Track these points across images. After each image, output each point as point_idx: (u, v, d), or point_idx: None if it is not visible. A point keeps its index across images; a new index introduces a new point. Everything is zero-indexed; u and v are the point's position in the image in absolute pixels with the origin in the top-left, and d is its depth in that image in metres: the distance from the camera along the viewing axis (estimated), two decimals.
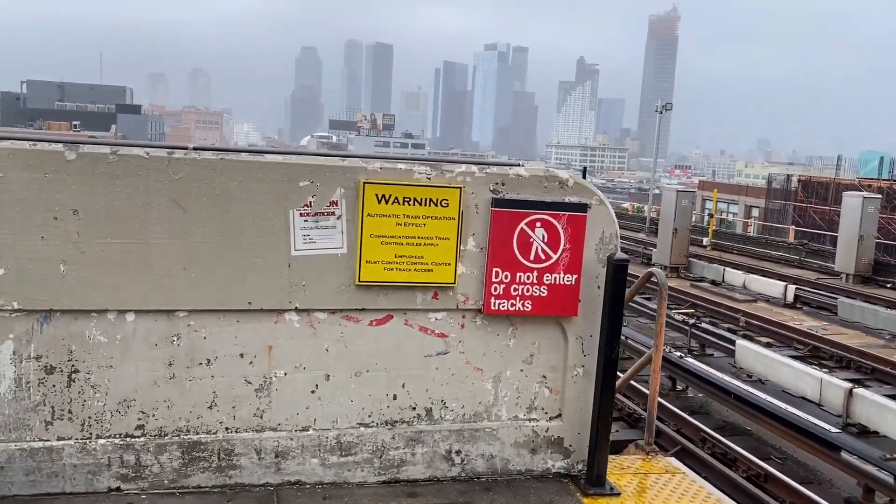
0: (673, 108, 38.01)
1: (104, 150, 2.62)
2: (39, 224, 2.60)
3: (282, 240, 2.82)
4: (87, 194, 2.61)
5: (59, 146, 2.59)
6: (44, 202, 2.58)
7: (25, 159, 2.54)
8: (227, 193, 2.73)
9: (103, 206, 2.64)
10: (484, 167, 3.00)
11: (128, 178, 2.63)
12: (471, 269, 3.04)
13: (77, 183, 2.60)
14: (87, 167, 2.60)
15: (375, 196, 2.86)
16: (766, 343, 14.01)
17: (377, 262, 2.92)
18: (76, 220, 2.63)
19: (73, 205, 2.61)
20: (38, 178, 2.56)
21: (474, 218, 2.99)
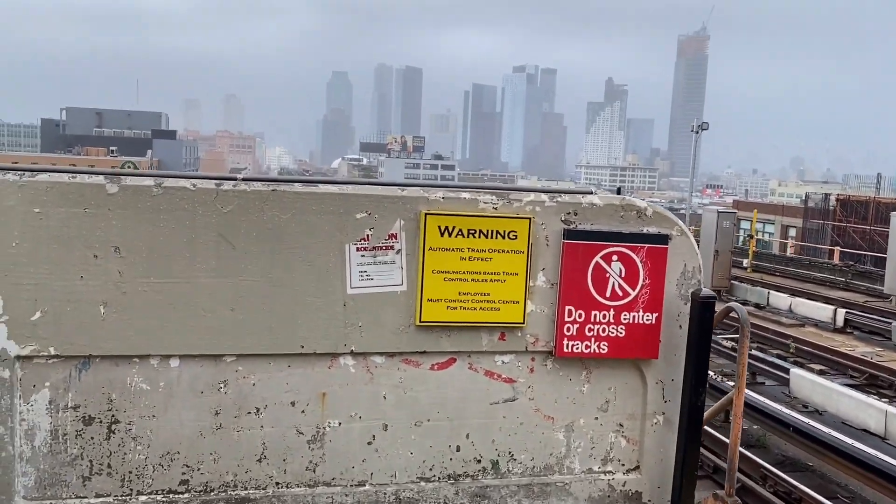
0: (709, 127, 37.42)
1: (148, 183, 2.46)
2: (78, 263, 2.44)
3: (337, 277, 2.63)
4: (130, 230, 2.46)
5: (99, 178, 2.42)
6: (83, 239, 2.43)
7: (64, 193, 2.40)
8: (278, 227, 2.56)
9: (146, 243, 2.48)
10: (554, 196, 2.79)
11: (173, 212, 2.48)
12: (541, 307, 2.82)
13: (119, 218, 2.45)
14: (130, 201, 2.44)
15: (438, 228, 2.67)
16: (820, 371, 13.46)
17: (439, 300, 2.72)
18: (117, 259, 2.47)
19: (114, 241, 2.45)
20: (77, 213, 2.41)
21: (544, 251, 2.79)
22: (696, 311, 2.83)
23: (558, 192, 2.84)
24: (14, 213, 2.37)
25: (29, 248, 2.40)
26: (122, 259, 2.46)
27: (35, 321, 2.45)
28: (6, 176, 2.37)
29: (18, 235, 2.38)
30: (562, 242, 2.77)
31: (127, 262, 2.47)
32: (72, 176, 2.43)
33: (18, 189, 2.36)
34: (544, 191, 2.81)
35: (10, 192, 2.36)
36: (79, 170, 2.52)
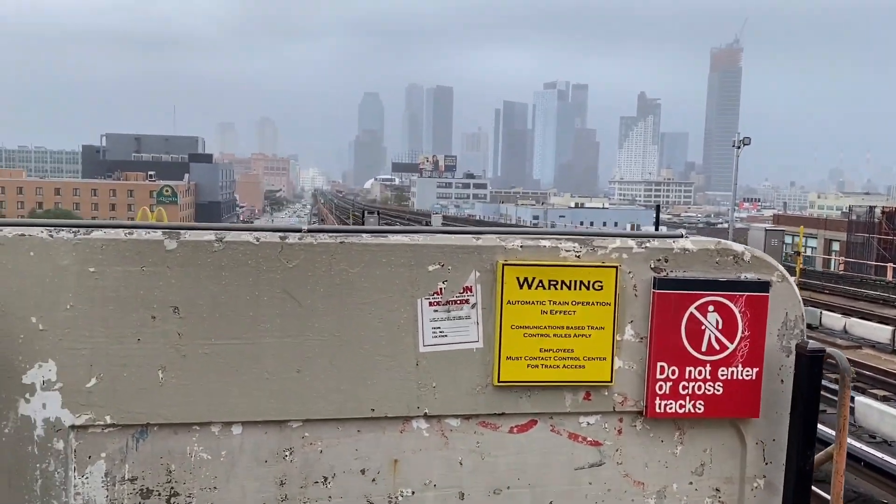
0: (750, 141, 36.57)
1: (208, 238, 2.37)
2: (136, 324, 2.34)
3: (409, 334, 2.51)
4: (190, 289, 2.36)
5: (157, 233, 2.35)
6: (141, 299, 2.33)
7: (121, 251, 2.31)
8: (346, 282, 2.45)
9: (207, 302, 2.37)
10: (643, 241, 2.61)
11: (235, 269, 2.37)
12: (629, 363, 2.64)
13: (178, 276, 2.35)
14: (189, 257, 2.36)
15: (517, 280, 2.52)
16: (883, 397, 12.76)
17: (519, 357, 2.56)
18: (177, 319, 2.37)
19: (173, 301, 2.36)
20: (134, 271, 2.32)
21: (633, 302, 2.61)
22: (804, 366, 2.63)
23: (646, 236, 2.66)
24: (68, 273, 2.29)
25: (84, 310, 2.31)
26: (181, 320, 2.37)
27: (90, 388, 2.36)
28: (60, 234, 2.30)
29: (73, 297, 2.30)
30: (652, 292, 2.60)
31: (187, 323, 2.38)
32: (128, 232, 2.35)
33: (73, 247, 2.29)
34: (631, 235, 2.65)
35: (63, 250, 2.29)
36: (136, 224, 2.44)
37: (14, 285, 2.25)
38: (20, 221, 2.38)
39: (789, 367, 2.68)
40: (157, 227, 2.38)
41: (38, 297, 2.27)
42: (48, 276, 2.27)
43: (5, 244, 2.24)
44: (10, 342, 2.27)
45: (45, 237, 2.26)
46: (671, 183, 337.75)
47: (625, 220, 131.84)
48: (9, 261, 2.24)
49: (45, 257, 2.27)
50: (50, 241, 2.27)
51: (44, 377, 2.31)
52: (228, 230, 2.41)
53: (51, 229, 2.29)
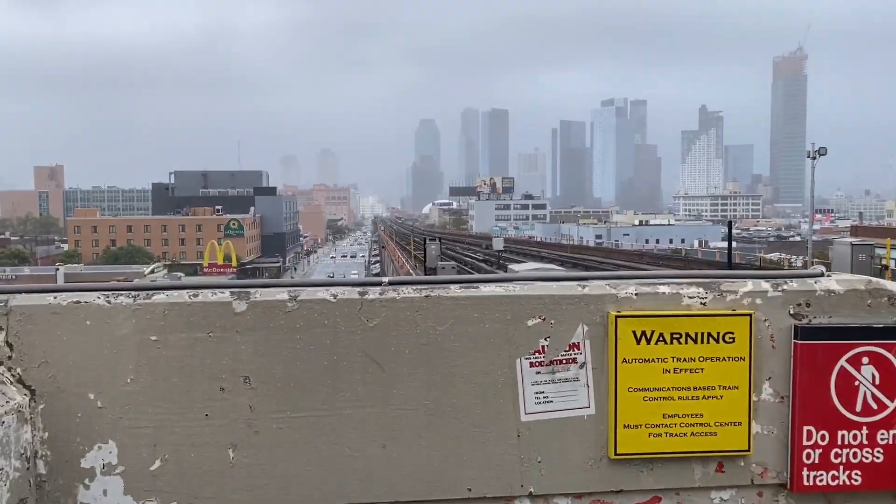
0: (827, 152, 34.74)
1: (281, 297, 2.17)
2: (203, 398, 2.15)
3: (507, 400, 2.23)
4: (261, 355, 2.16)
5: (225, 295, 2.17)
6: (208, 369, 2.14)
7: (186, 316, 2.13)
8: (434, 342, 2.20)
9: (281, 370, 2.17)
10: (779, 282, 2.30)
11: (311, 331, 2.17)
12: (769, 428, 2.32)
13: (248, 342, 2.15)
14: (261, 320, 2.15)
15: (632, 334, 2.22)
16: None
17: (639, 425, 2.25)
18: (248, 391, 2.16)
19: (243, 370, 2.15)
20: (200, 338, 2.14)
21: (770, 355, 2.29)
22: None
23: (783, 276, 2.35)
24: (128, 343, 2.11)
25: (146, 383, 2.13)
26: (252, 391, 2.17)
27: (155, 471, 2.16)
28: (118, 299, 2.12)
29: (134, 369, 2.12)
30: (793, 343, 2.27)
31: (259, 395, 2.17)
32: (192, 294, 2.18)
33: (132, 314, 2.11)
34: (765, 276, 2.35)
35: (123, 318, 2.11)
36: (201, 284, 2.28)
37: (70, 359, 2.09)
38: (75, 286, 2.23)
39: None
40: (224, 287, 2.22)
41: (95, 370, 2.10)
42: (106, 346, 2.10)
43: (60, 313, 2.09)
44: (67, 422, 2.11)
45: (103, 304, 2.11)
46: (738, 196, 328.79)
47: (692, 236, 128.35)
48: (64, 332, 2.09)
49: (103, 326, 2.10)
50: (108, 307, 2.11)
51: (104, 460, 2.13)
52: (302, 286, 2.22)
53: (108, 294, 2.14)
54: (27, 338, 2.07)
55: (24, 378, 2.08)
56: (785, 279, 2.29)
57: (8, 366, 2.07)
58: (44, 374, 2.08)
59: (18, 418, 2.03)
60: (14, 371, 2.07)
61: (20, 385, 2.07)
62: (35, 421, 2.09)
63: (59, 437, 2.10)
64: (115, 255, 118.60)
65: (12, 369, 2.07)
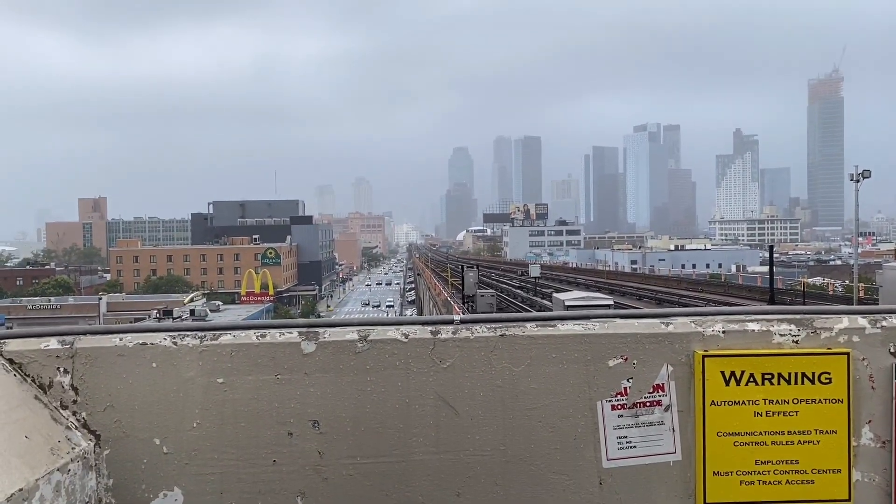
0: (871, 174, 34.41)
1: (351, 336, 2.08)
2: (271, 443, 2.06)
3: (588, 445, 2.11)
4: (331, 398, 2.07)
5: (293, 334, 2.08)
6: (275, 413, 2.06)
7: (252, 357, 2.05)
8: (510, 383, 2.09)
9: (351, 414, 2.07)
10: (877, 318, 2.14)
11: (382, 372, 2.07)
12: (870, 475, 2.16)
13: (317, 384, 2.06)
14: (330, 361, 2.07)
15: (721, 374, 2.08)
16: None
17: (730, 472, 2.11)
18: (317, 435, 2.07)
19: (312, 414, 2.07)
20: (268, 380, 2.05)
21: (870, 397, 2.14)
22: None
23: (881, 311, 2.20)
24: (194, 385, 2.04)
25: (212, 428, 2.05)
26: (321, 436, 2.08)
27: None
28: (185, 340, 2.06)
29: (200, 413, 2.05)
30: (894, 384, 2.13)
31: (328, 440, 2.08)
32: (260, 335, 2.09)
33: (199, 356, 2.05)
34: (861, 312, 2.19)
35: (189, 360, 2.05)
36: (268, 324, 2.15)
37: (136, 402, 2.03)
38: (141, 327, 2.18)
39: None
40: (292, 327, 2.11)
41: (161, 414, 2.03)
42: (173, 390, 2.04)
43: (126, 355, 2.03)
44: (132, 468, 2.04)
45: (169, 345, 2.05)
46: (775, 220, 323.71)
47: (729, 260, 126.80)
48: (130, 374, 2.03)
49: (170, 368, 2.04)
50: (174, 349, 2.05)
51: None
52: (373, 326, 2.12)
53: (174, 335, 2.07)
54: (93, 381, 2.02)
55: (90, 423, 2.02)
56: (883, 315, 2.15)
57: (73, 410, 2.01)
58: (109, 418, 2.02)
59: (84, 465, 1.95)
60: (79, 415, 2.02)
61: (85, 430, 2.01)
62: (100, 467, 2.02)
63: (125, 485, 2.03)
64: (156, 285, 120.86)
65: (77, 413, 2.01)
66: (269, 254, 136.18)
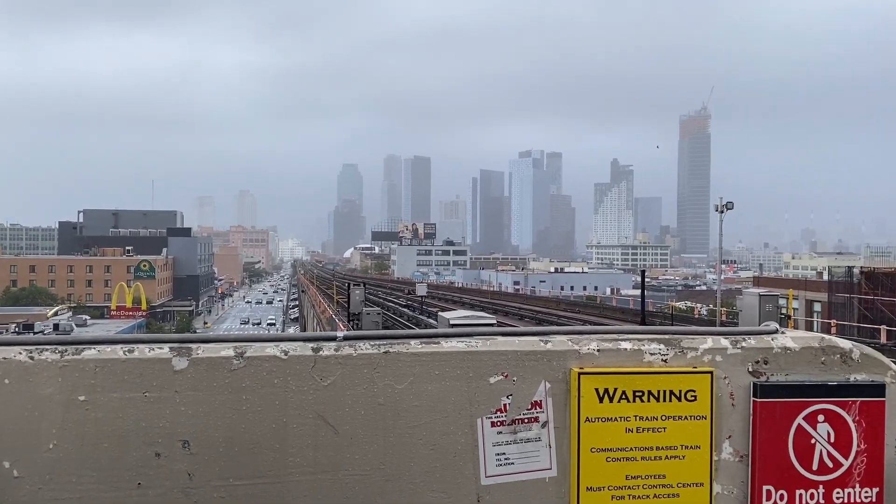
0: (734, 206, 37.31)
1: (226, 353, 2.02)
2: (136, 465, 1.97)
3: (467, 462, 2.12)
4: (203, 417, 2.00)
5: (164, 350, 2.00)
6: (142, 433, 1.97)
7: (118, 374, 1.96)
8: (392, 401, 2.09)
9: (224, 434, 2.01)
10: (738, 339, 2.26)
11: (259, 390, 2.02)
12: (729, 488, 2.25)
13: (189, 402, 1.99)
14: (203, 379, 2.00)
15: (595, 391, 2.15)
16: None
17: (601, 487, 2.17)
18: (187, 456, 2.00)
19: (182, 434, 2.00)
20: (135, 398, 1.96)
21: (730, 414, 2.23)
22: None
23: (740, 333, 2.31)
24: (52, 404, 1.93)
25: (71, 449, 1.94)
26: (192, 457, 2.01)
27: None
28: (43, 355, 1.94)
29: (57, 433, 1.93)
30: (752, 401, 2.22)
31: (199, 461, 2.01)
32: (127, 350, 1.99)
33: (59, 371, 1.94)
34: (724, 333, 2.30)
35: (47, 376, 1.93)
36: (137, 338, 2.07)
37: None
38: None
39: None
40: (163, 342, 2.04)
41: (12, 435, 1.92)
42: (27, 408, 1.92)
43: None
44: None
45: (25, 360, 1.93)
46: (647, 246, 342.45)
47: (605, 283, 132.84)
48: None
49: (24, 385, 1.92)
50: (30, 364, 1.93)
51: None
52: (250, 342, 2.08)
53: (31, 349, 1.95)
54: None
55: None
56: (743, 336, 2.27)
57: None
58: None
59: None
60: None
61: None
62: None
63: None
64: (16, 297, 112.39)
65: None
66: (143, 266, 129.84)
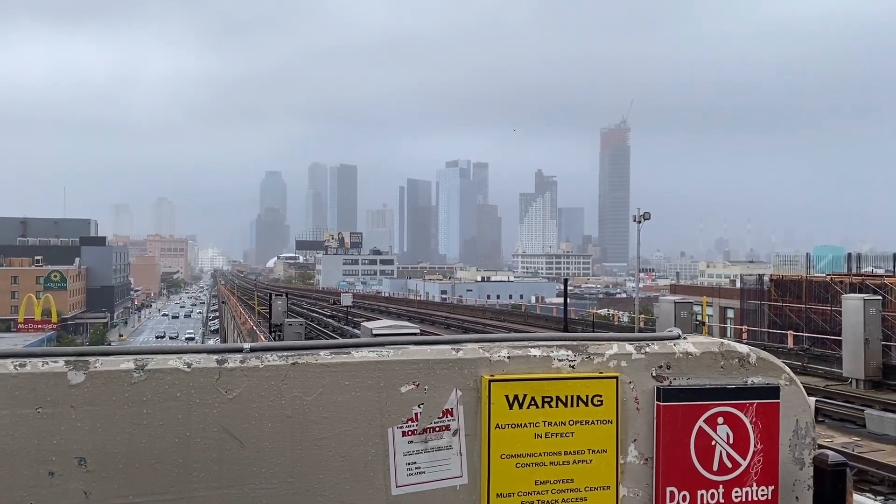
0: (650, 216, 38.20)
1: (126, 366, 1.94)
2: (27, 485, 1.87)
3: (378, 473, 2.10)
4: (101, 433, 1.91)
5: (59, 364, 1.90)
6: (34, 451, 1.87)
7: (9, 389, 1.86)
8: (301, 413, 2.05)
9: (124, 450, 1.93)
10: (642, 345, 2.31)
11: (160, 404, 1.95)
12: (635, 490, 2.28)
13: (86, 418, 1.90)
14: (101, 393, 1.91)
15: (505, 398, 2.15)
16: None
17: (511, 493, 2.17)
18: (83, 474, 1.91)
19: (78, 451, 1.90)
20: (26, 415, 1.87)
21: (634, 417, 2.27)
22: (827, 482, 2.31)
23: (644, 339, 2.36)
24: None
25: None
26: (88, 474, 1.91)
27: None
28: None
29: None
30: (655, 405, 2.26)
31: (96, 478, 1.92)
32: (18, 364, 1.89)
33: None
34: (628, 339, 2.34)
35: None
36: (29, 352, 1.97)
37: None
38: None
39: (803, 481, 2.37)
40: (57, 355, 1.94)
41: None
42: None
43: None
44: None
45: None
46: (570, 255, 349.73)
47: (530, 292, 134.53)
48: None
49: None
50: None
51: None
52: (151, 354, 2.00)
53: None
54: None
55: None
56: (647, 342, 2.31)
57: None
58: None
59: None
60: None
61: None
62: None
63: None
64: None
65: None
66: (54, 277, 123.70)
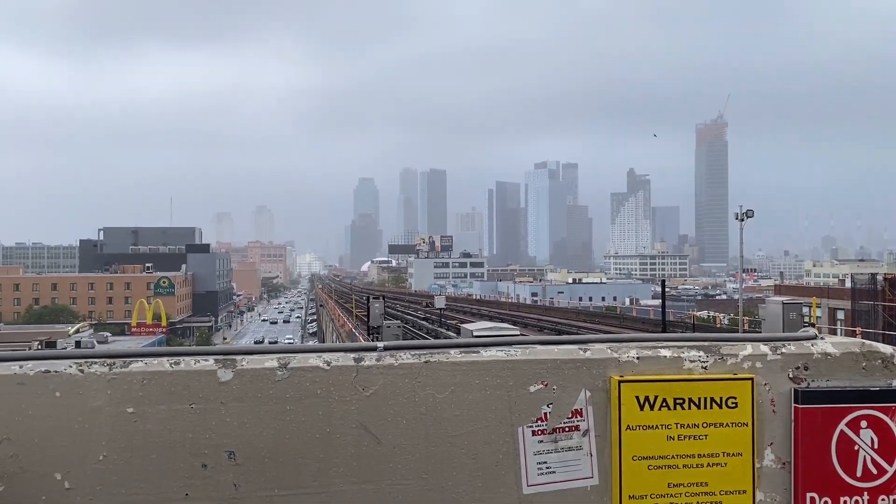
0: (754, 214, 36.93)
1: (270, 364, 2.03)
2: (183, 476, 1.98)
3: (509, 471, 2.11)
4: (248, 428, 2.01)
5: (209, 362, 2.02)
6: (189, 444, 1.98)
7: (165, 386, 1.98)
8: (434, 410, 2.08)
9: (269, 444, 2.02)
10: (777, 345, 2.24)
11: (302, 401, 2.04)
12: (772, 495, 2.23)
13: (234, 413, 2.01)
14: (248, 390, 2.01)
15: (636, 399, 2.13)
16: None
17: (644, 496, 2.15)
18: (233, 467, 2.00)
19: (228, 445, 2.01)
20: (181, 410, 1.98)
21: (771, 420, 2.22)
22: None
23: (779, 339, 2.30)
24: (101, 416, 1.94)
25: (120, 461, 1.95)
26: (237, 467, 2.01)
27: None
28: (92, 368, 1.96)
29: (107, 445, 1.95)
30: (793, 407, 2.21)
31: (244, 471, 2.01)
32: (174, 362, 2.02)
33: (108, 384, 1.96)
34: (763, 339, 2.28)
35: (96, 389, 1.95)
36: (183, 351, 2.08)
37: (36, 435, 1.91)
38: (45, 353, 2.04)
39: None
40: (207, 354, 2.05)
41: (64, 447, 1.92)
42: (77, 420, 1.93)
43: (26, 384, 1.93)
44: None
45: (75, 373, 1.95)
46: (666, 256, 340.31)
47: (623, 294, 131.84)
48: (30, 405, 1.92)
49: (75, 398, 1.94)
50: (80, 377, 1.95)
51: None
52: (293, 353, 2.09)
53: (80, 363, 1.97)
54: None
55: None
56: (783, 342, 2.25)
57: None
58: (4, 452, 1.91)
59: None
60: None
61: None
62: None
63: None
64: (38, 314, 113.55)
65: None
66: (163, 283, 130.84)
